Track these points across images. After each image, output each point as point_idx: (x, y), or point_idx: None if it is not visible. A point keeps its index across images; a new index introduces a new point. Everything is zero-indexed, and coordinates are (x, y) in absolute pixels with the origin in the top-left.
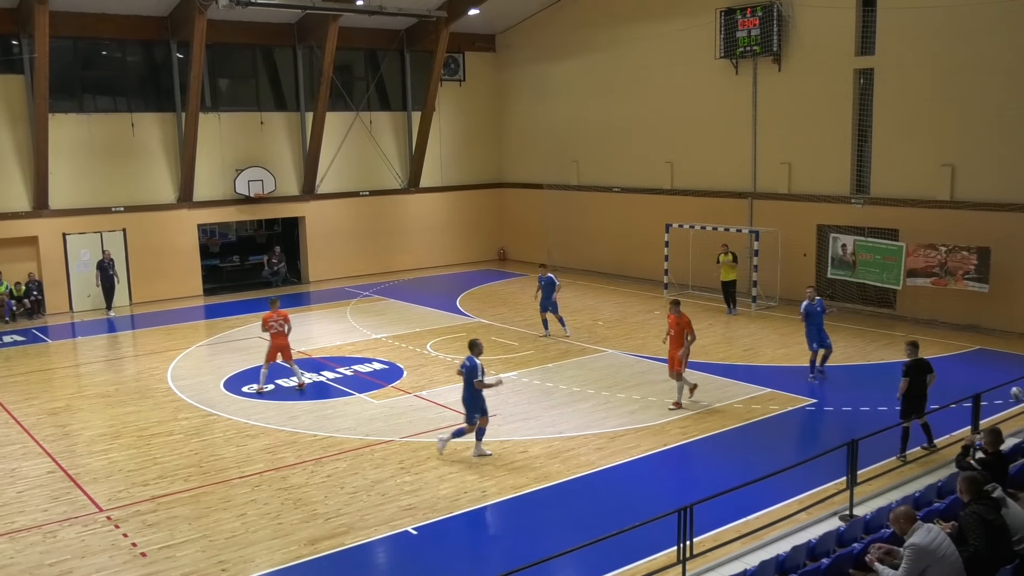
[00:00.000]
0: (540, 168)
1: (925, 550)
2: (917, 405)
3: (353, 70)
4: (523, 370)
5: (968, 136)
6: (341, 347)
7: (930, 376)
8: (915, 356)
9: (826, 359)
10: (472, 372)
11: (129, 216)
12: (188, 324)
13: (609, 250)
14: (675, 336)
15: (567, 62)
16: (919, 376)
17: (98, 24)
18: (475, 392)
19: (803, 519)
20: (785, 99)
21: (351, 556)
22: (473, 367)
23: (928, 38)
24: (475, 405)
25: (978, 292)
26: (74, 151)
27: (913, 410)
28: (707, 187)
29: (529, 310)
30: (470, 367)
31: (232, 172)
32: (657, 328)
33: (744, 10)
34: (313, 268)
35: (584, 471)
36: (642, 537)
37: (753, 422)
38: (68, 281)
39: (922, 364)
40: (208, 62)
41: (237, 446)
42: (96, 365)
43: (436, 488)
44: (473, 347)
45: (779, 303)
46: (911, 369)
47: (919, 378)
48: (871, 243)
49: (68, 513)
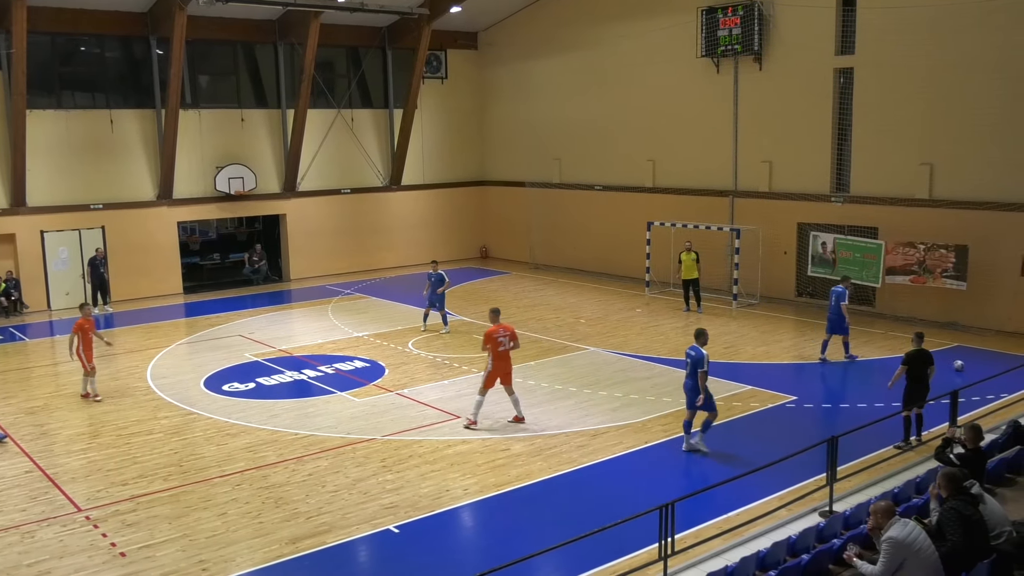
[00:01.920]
0: (522, 166)
1: (902, 544)
2: (918, 395)
3: (334, 67)
4: None
5: (947, 135)
6: (322, 345)
7: (930, 368)
8: (917, 346)
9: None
10: (698, 362)
11: (108, 214)
12: (168, 322)
13: (591, 248)
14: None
15: (549, 60)
16: (919, 367)
17: (77, 19)
18: (696, 382)
19: (783, 515)
20: (766, 98)
21: (333, 555)
22: (700, 357)
23: (907, 38)
24: (698, 394)
25: (956, 290)
26: (52, 148)
27: (914, 400)
28: (688, 185)
29: (512, 308)
30: (696, 357)
31: (212, 169)
32: (639, 326)
33: (725, 9)
34: (294, 266)
35: (566, 468)
36: (624, 534)
37: (734, 419)
38: (46, 279)
39: (922, 355)
40: (188, 58)
41: (217, 445)
42: (75, 364)
43: (418, 486)
44: (699, 336)
45: (760, 301)
46: (910, 358)
47: (920, 369)
48: (851, 241)
49: (46, 513)
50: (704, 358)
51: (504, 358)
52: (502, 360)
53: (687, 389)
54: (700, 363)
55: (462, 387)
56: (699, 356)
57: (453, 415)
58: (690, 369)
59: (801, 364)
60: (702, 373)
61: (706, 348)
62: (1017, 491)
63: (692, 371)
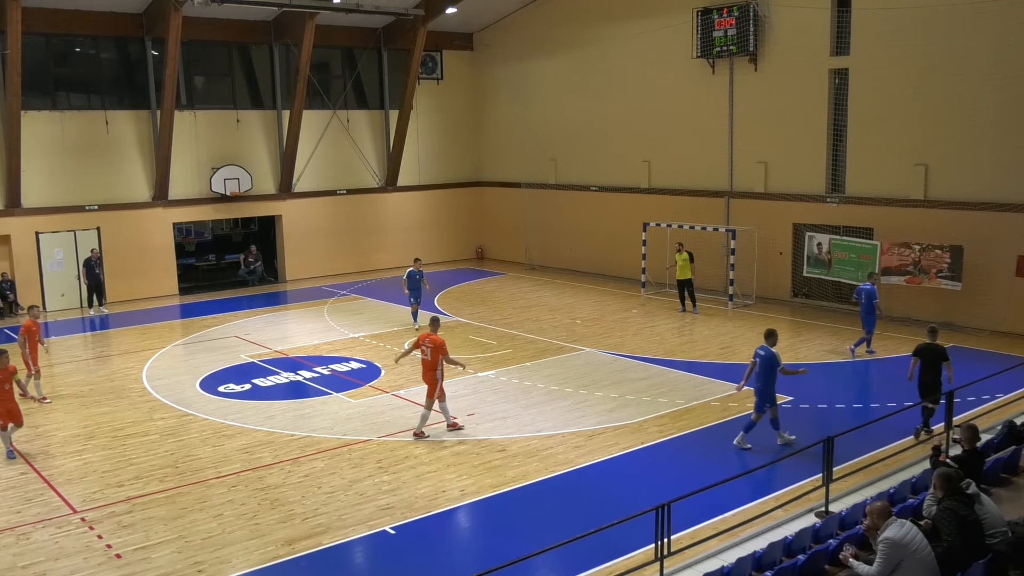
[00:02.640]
0: (518, 167)
1: (898, 544)
2: (931, 388)
3: (330, 68)
4: (501, 369)
5: (942, 136)
6: (318, 346)
7: (946, 363)
8: (930, 340)
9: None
10: (773, 360)
11: (103, 215)
12: (163, 323)
13: (587, 249)
14: (431, 359)
15: (545, 61)
16: (931, 361)
17: (72, 20)
18: (770, 381)
19: (779, 516)
20: (761, 99)
21: (329, 556)
22: (771, 356)
23: (902, 38)
24: (768, 394)
25: (951, 290)
26: (47, 149)
27: (926, 392)
28: (684, 186)
29: (508, 309)
30: (768, 356)
31: (208, 170)
32: (635, 326)
33: (720, 10)
34: (290, 267)
35: (562, 469)
36: (620, 535)
37: (730, 420)
38: (41, 280)
39: (931, 349)
40: (183, 59)
41: (213, 446)
42: (70, 365)
43: (414, 487)
44: (770, 336)
45: (755, 301)
46: (919, 351)
47: (932, 363)
48: (846, 242)
49: (42, 515)
50: (777, 357)
51: (425, 367)
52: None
53: (757, 390)
54: (776, 361)
55: (458, 388)
56: (771, 355)
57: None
58: (760, 369)
59: (797, 365)
60: (782, 369)
61: (702, 348)
62: (1013, 491)
63: (763, 371)
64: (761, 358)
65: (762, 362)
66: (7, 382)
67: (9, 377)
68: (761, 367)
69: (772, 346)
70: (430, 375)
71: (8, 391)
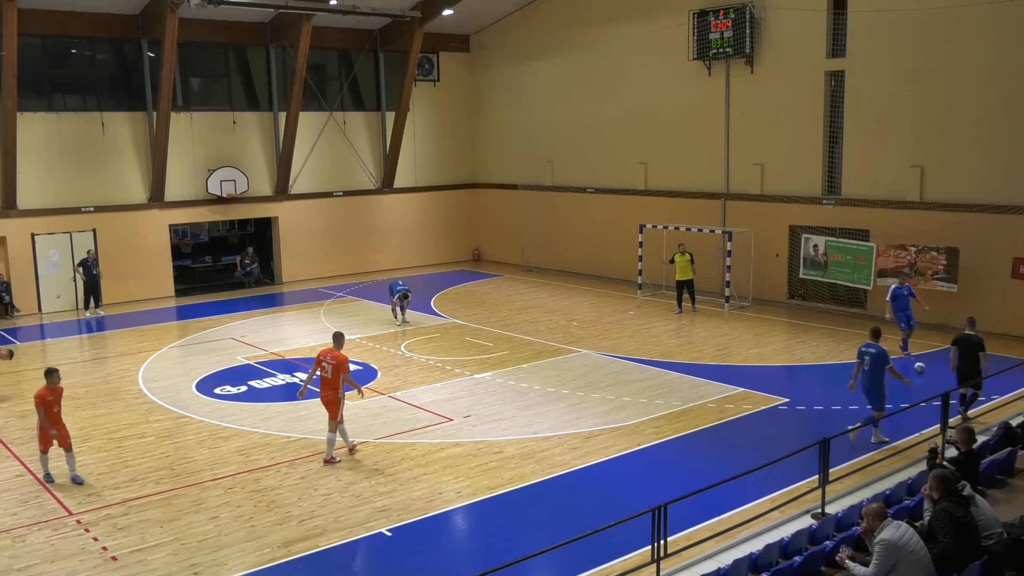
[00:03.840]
0: (514, 168)
1: (895, 545)
2: (969, 376)
3: (326, 70)
4: (498, 370)
5: (937, 138)
6: (315, 348)
7: (982, 353)
8: (966, 331)
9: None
10: (884, 358)
11: (99, 216)
12: (160, 325)
13: (583, 250)
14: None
15: (542, 63)
16: (968, 350)
17: (68, 22)
18: (880, 379)
19: (776, 517)
20: (757, 101)
21: (325, 558)
22: (883, 353)
23: (898, 40)
24: (879, 392)
25: (947, 292)
26: (43, 150)
27: (965, 379)
28: (680, 188)
29: (505, 310)
30: (879, 354)
31: (204, 172)
32: (632, 328)
33: (717, 12)
34: (287, 269)
35: (559, 471)
36: (616, 536)
37: (726, 421)
38: (37, 282)
39: (969, 339)
40: (180, 61)
41: (209, 448)
42: (66, 367)
43: (411, 489)
44: (877, 334)
45: (752, 303)
46: (958, 341)
47: (969, 353)
48: (842, 243)
49: (37, 517)
50: (887, 354)
51: (325, 385)
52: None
53: (866, 389)
54: (886, 359)
55: (455, 390)
56: (882, 353)
57: (446, 418)
58: (871, 367)
59: (793, 366)
60: (891, 368)
61: (698, 350)
62: (1008, 492)
63: (873, 369)
64: (872, 356)
65: (872, 360)
66: (57, 404)
67: (59, 399)
68: (872, 364)
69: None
70: (331, 395)
71: (57, 413)
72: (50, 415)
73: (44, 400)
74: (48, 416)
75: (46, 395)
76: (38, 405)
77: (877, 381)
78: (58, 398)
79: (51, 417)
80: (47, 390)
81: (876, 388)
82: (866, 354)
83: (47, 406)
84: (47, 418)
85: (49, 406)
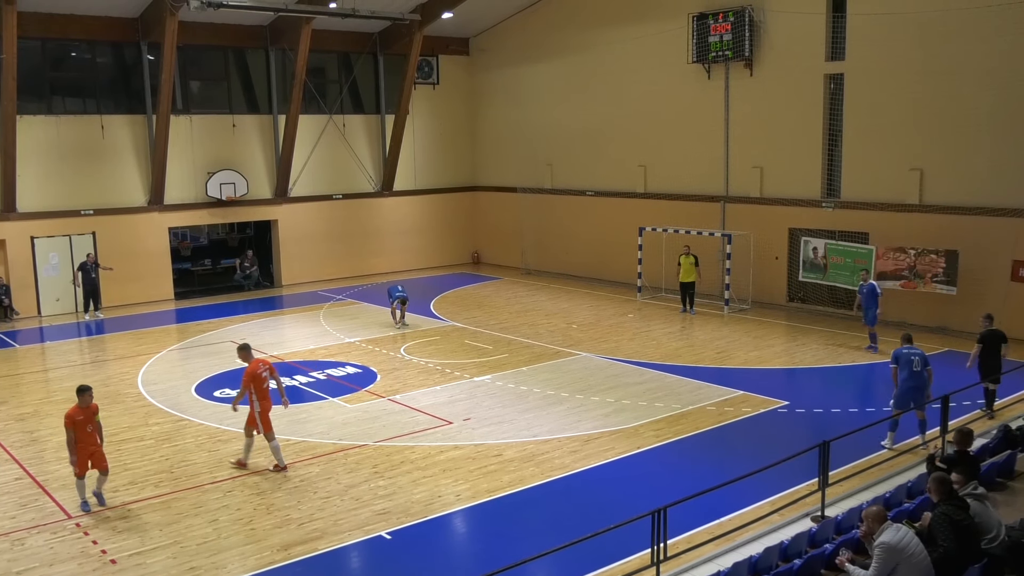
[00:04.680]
0: (514, 171)
1: (894, 548)
2: (992, 369)
3: (326, 73)
4: (497, 373)
5: (936, 141)
6: (314, 351)
7: (1004, 346)
8: (988, 327)
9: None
10: (926, 359)
11: (99, 219)
12: (159, 328)
13: (582, 253)
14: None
15: (541, 66)
16: (993, 345)
17: (67, 25)
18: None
19: (775, 520)
20: (757, 104)
21: (324, 561)
22: (924, 354)
23: (897, 44)
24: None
25: (946, 295)
26: (42, 153)
27: (988, 373)
28: (680, 191)
29: (504, 313)
30: (923, 354)
31: (204, 175)
32: (631, 331)
33: (716, 15)
34: (286, 272)
35: (558, 474)
36: (616, 540)
37: (726, 424)
38: (36, 285)
39: (995, 334)
40: (179, 64)
41: (209, 451)
42: (65, 370)
43: (410, 492)
44: (908, 339)
45: (751, 306)
46: (984, 338)
47: (994, 347)
48: (842, 246)
49: (36, 520)
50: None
51: (268, 396)
52: (267, 399)
53: (910, 390)
54: (927, 360)
55: (454, 393)
56: (923, 354)
57: (445, 421)
58: (920, 366)
59: (793, 369)
60: (930, 371)
61: (698, 353)
62: (1008, 495)
63: (922, 368)
64: (920, 356)
65: (923, 359)
66: (90, 423)
67: (92, 418)
68: (922, 365)
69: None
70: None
71: (91, 434)
72: (81, 435)
73: (73, 420)
74: (79, 437)
75: (76, 415)
76: (68, 426)
77: (919, 383)
78: (91, 417)
79: (83, 438)
80: (77, 408)
81: (926, 388)
82: (915, 354)
83: (77, 427)
84: (76, 440)
85: (80, 426)
